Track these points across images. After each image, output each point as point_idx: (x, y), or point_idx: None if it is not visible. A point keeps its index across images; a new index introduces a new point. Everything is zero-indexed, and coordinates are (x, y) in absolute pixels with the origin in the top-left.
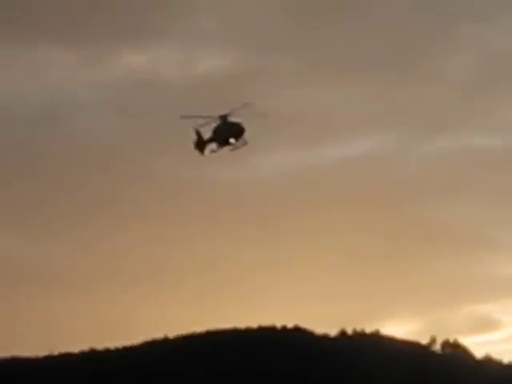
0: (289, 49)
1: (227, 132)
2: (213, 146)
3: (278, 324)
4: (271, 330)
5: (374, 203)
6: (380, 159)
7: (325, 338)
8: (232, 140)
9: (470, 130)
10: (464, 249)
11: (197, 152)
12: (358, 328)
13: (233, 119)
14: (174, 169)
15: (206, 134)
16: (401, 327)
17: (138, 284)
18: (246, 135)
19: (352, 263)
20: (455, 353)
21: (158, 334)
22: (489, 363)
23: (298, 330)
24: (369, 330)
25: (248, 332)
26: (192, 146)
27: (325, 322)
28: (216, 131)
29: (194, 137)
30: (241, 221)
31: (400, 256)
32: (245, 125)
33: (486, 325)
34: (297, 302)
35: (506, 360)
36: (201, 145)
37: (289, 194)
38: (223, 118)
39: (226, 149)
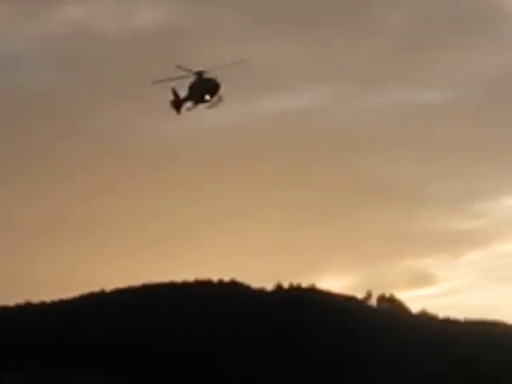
0: (230, 3)
1: (203, 89)
2: (189, 103)
3: (215, 278)
4: (208, 283)
5: (311, 157)
6: (319, 113)
7: (261, 292)
8: (207, 97)
9: (409, 84)
10: (401, 203)
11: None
12: (295, 282)
13: (208, 75)
14: (113, 122)
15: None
16: (337, 281)
17: (74, 238)
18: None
19: (289, 217)
20: (391, 307)
21: (95, 288)
22: (424, 318)
23: (234, 284)
24: (305, 284)
25: (184, 286)
26: (168, 105)
27: (261, 276)
28: (191, 88)
29: (171, 96)
30: (178, 175)
31: (337, 210)
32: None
33: (423, 280)
34: (234, 257)
35: (441, 315)
36: (177, 104)
37: (227, 147)
38: (199, 74)
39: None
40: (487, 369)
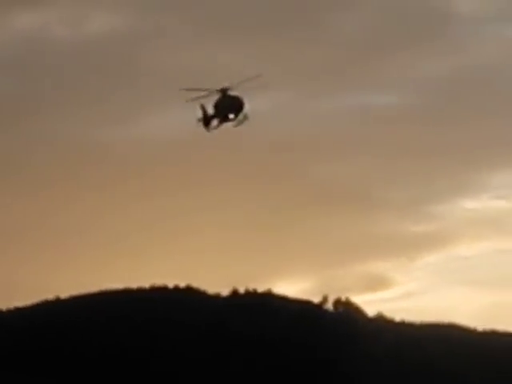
0: (185, 9)
1: (227, 107)
2: (214, 121)
3: (170, 284)
4: (163, 289)
5: (265, 163)
6: (269, 119)
7: (217, 298)
8: (231, 115)
9: (359, 88)
10: (356, 207)
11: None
12: (250, 287)
13: (232, 93)
14: (64, 129)
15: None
16: (293, 286)
17: (29, 246)
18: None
19: (244, 223)
20: (347, 311)
21: (50, 295)
22: (381, 321)
23: (189, 289)
24: (261, 289)
25: (140, 292)
26: (196, 121)
27: (217, 282)
28: (216, 106)
29: (199, 113)
30: (130, 178)
31: (292, 215)
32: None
33: (378, 283)
34: (189, 262)
35: (397, 318)
36: (206, 121)
37: (182, 152)
38: (223, 91)
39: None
40: (443, 371)
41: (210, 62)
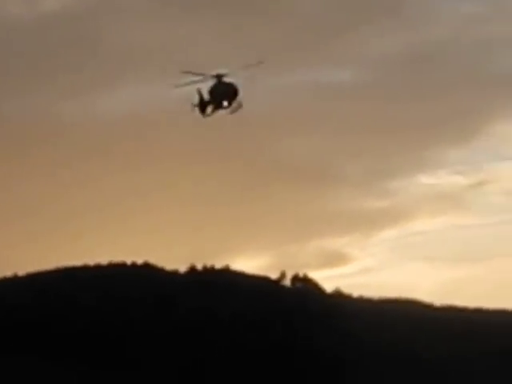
0: None
1: (221, 94)
2: (209, 108)
3: (128, 260)
4: (121, 266)
5: (222, 139)
6: None
7: (175, 275)
8: (225, 103)
9: (318, 64)
10: (313, 184)
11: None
12: (208, 264)
13: (227, 79)
14: (17, 107)
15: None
16: (251, 262)
17: None
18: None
19: (202, 200)
20: (305, 287)
21: (8, 272)
22: (339, 297)
23: (147, 266)
24: (219, 265)
25: (98, 268)
26: (191, 106)
27: (175, 259)
28: (211, 92)
29: (195, 98)
30: (86, 156)
31: (249, 192)
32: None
33: (335, 259)
34: (147, 239)
35: (355, 294)
36: (202, 106)
37: (138, 129)
38: (218, 77)
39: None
40: (402, 346)
41: (165, 38)
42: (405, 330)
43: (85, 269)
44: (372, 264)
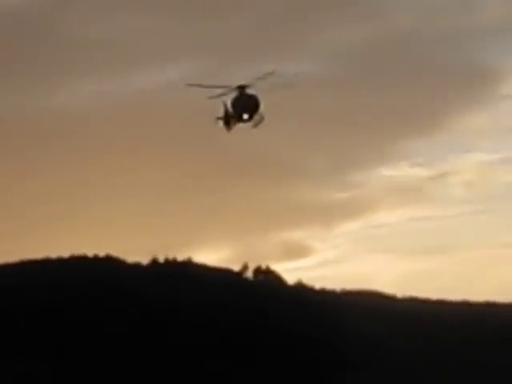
0: None
1: (241, 106)
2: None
3: (90, 253)
4: (83, 259)
5: (182, 132)
6: (182, 88)
7: (137, 267)
8: (246, 116)
9: (280, 56)
10: (274, 176)
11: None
12: (170, 256)
13: (250, 91)
14: None
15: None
16: (213, 255)
17: None
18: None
19: (163, 192)
20: (267, 279)
21: None
22: (301, 289)
23: (109, 258)
24: (181, 258)
25: (60, 261)
26: (214, 120)
27: (137, 251)
28: (234, 105)
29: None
30: (44, 147)
31: (211, 185)
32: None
33: (298, 251)
34: (109, 232)
35: (317, 286)
36: (227, 120)
37: (99, 123)
38: (241, 89)
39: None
40: (365, 336)
41: (120, 33)
42: (367, 321)
43: (46, 261)
44: (334, 256)
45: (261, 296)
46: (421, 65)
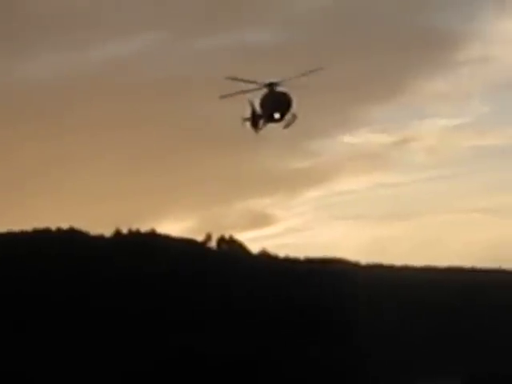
0: None
1: (272, 105)
2: (260, 122)
3: (53, 226)
4: (46, 232)
5: (146, 101)
6: (151, 57)
7: (100, 239)
8: (277, 115)
9: (240, 25)
10: (235, 146)
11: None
12: (134, 228)
13: (281, 88)
14: None
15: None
16: (176, 225)
17: None
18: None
19: (125, 162)
20: (231, 249)
21: None
22: (265, 258)
23: (73, 231)
24: (144, 229)
25: (23, 235)
26: (241, 121)
27: (100, 223)
28: (262, 103)
29: (248, 111)
30: (7, 121)
31: (172, 155)
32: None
33: (260, 220)
34: (71, 204)
35: (281, 254)
36: (255, 120)
37: (58, 94)
38: (270, 86)
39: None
40: (328, 305)
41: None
42: (333, 289)
43: (9, 235)
44: (297, 224)
45: (224, 265)
46: (380, 31)
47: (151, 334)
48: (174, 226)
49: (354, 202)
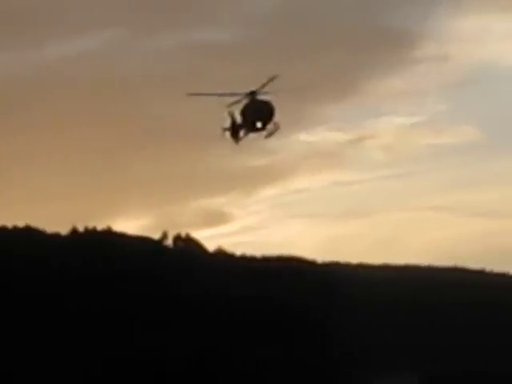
0: None
1: (253, 114)
2: (241, 131)
3: (9, 224)
4: (2, 230)
5: (100, 100)
6: (101, 57)
7: (56, 237)
8: (259, 124)
9: (195, 24)
10: (190, 144)
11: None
12: (90, 225)
13: (262, 97)
14: None
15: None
16: (132, 223)
17: None
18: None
19: (80, 160)
20: (187, 247)
21: None
22: (222, 256)
23: (29, 229)
24: (100, 227)
25: None
26: (220, 131)
27: (56, 221)
28: (243, 113)
29: (227, 122)
30: None
31: (128, 153)
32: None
33: (216, 218)
34: (27, 202)
35: (238, 252)
36: (235, 130)
37: (13, 94)
38: (252, 95)
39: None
40: (283, 303)
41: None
42: (287, 287)
43: None
44: (253, 222)
45: (180, 263)
46: (336, 30)
47: (112, 334)
48: (129, 224)
49: (310, 200)
